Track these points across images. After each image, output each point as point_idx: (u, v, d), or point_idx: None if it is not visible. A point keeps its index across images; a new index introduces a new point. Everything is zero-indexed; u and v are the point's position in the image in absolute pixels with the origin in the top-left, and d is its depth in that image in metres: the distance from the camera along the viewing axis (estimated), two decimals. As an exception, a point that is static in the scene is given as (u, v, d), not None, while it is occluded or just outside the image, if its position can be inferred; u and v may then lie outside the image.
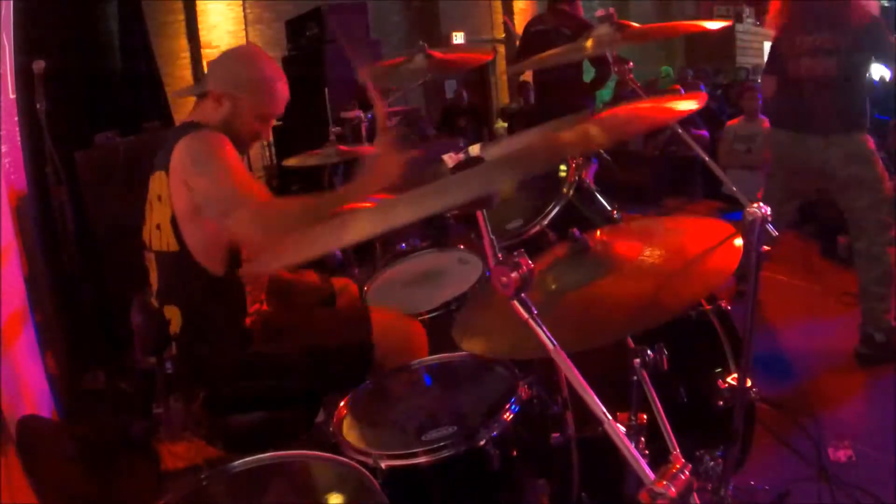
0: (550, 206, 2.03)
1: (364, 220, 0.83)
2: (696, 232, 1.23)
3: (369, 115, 3.03)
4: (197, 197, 1.69)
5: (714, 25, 1.58)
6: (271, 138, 2.12)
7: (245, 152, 1.88)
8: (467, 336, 1.23)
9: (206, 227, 1.72)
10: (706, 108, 7.10)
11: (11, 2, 3.03)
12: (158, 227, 1.79)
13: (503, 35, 10.96)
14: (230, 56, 1.92)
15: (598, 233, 1.37)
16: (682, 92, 7.07)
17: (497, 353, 1.40)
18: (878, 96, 4.70)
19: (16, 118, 3.09)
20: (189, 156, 1.70)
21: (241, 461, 1.31)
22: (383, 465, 1.33)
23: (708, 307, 1.86)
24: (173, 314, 1.82)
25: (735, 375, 1.62)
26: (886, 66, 2.85)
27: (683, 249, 1.16)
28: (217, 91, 1.80)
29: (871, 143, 3.01)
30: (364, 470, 1.27)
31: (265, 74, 1.83)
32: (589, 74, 4.36)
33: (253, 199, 1.65)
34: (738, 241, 1.13)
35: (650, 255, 1.17)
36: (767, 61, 3.42)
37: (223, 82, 1.80)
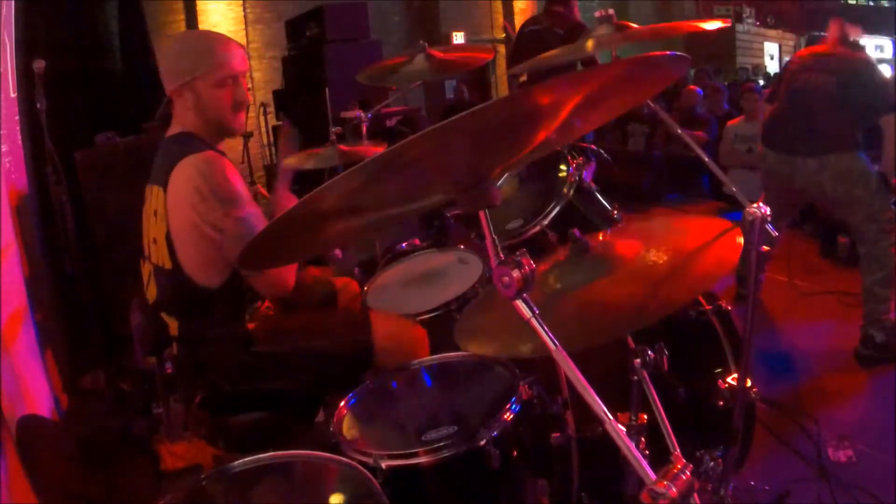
0: (550, 206, 2.02)
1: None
2: (697, 230, 1.23)
3: (369, 115, 3.02)
4: (220, 236, 1.68)
5: (713, 25, 1.58)
6: (251, 99, 2.10)
7: (239, 129, 1.86)
8: (469, 337, 1.22)
9: (203, 247, 1.71)
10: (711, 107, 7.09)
11: (13, 1, 3.03)
12: (155, 241, 1.78)
13: (503, 36, 10.97)
14: (162, 56, 1.87)
15: (601, 236, 1.37)
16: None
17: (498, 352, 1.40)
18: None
19: (17, 117, 3.09)
20: (205, 185, 1.67)
21: (241, 461, 1.31)
22: (383, 464, 1.33)
23: (708, 307, 1.86)
24: (171, 321, 1.82)
25: (735, 375, 1.62)
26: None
27: (684, 247, 1.16)
28: (171, 89, 1.78)
29: (865, 162, 3.05)
30: (364, 470, 1.27)
31: (198, 45, 1.81)
32: None
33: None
34: (739, 239, 1.13)
35: (651, 254, 1.17)
36: (771, 88, 3.48)
37: (170, 79, 1.78)
